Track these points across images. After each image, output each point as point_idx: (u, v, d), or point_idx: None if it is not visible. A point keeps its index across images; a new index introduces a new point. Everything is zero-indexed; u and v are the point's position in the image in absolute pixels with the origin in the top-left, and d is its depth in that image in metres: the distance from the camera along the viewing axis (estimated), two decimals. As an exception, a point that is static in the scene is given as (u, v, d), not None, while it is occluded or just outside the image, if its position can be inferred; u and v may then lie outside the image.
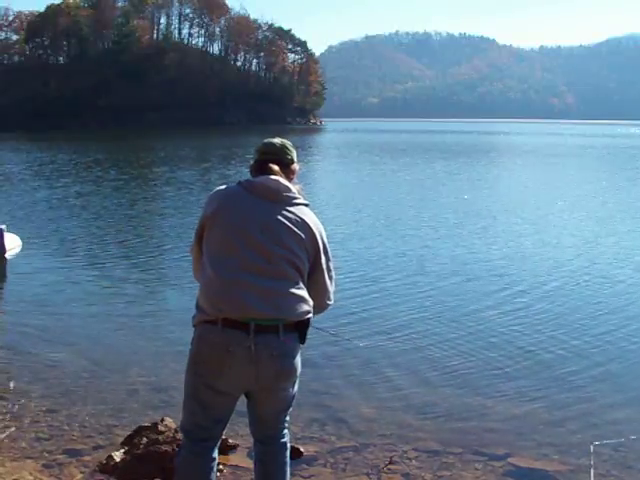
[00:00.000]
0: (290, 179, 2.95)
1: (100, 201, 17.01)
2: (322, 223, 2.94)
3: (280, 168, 2.91)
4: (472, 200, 17.68)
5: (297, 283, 2.78)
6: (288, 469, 3.04)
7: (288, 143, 3.03)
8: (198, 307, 2.80)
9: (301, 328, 2.78)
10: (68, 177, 22.87)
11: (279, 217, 2.78)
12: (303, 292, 2.80)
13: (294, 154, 3.02)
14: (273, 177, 2.86)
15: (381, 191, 19.91)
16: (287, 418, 3.00)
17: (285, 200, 2.83)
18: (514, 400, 5.15)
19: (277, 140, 3.02)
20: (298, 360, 2.82)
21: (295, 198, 2.86)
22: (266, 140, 3.04)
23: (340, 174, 26.56)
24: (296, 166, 3.02)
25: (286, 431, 3.01)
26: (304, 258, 2.80)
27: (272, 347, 2.69)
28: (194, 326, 2.83)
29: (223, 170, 26.60)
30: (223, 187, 2.92)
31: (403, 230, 13.07)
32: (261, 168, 2.93)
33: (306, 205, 2.89)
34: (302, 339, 2.80)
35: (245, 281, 2.69)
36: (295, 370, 2.81)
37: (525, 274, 9.45)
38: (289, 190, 2.85)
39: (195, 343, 2.80)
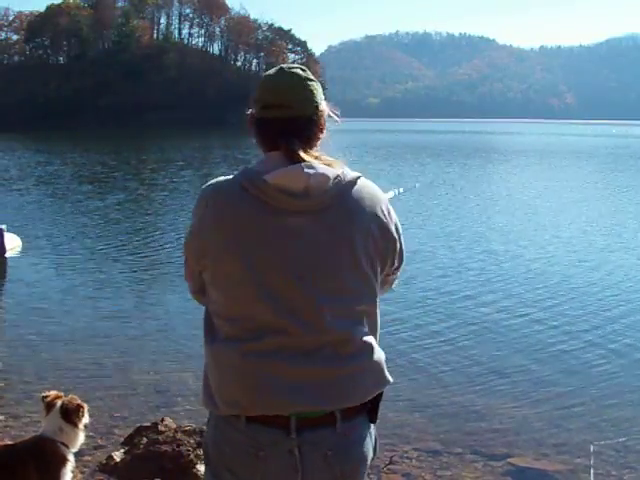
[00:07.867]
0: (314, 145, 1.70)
1: (100, 202, 17.01)
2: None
3: (300, 136, 1.67)
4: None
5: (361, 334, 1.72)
6: None
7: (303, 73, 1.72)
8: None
9: (372, 404, 1.74)
10: (69, 178, 22.86)
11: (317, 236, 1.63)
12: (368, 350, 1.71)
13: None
14: (299, 167, 1.62)
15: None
16: None
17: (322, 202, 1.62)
18: (514, 400, 5.15)
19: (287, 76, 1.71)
20: (368, 447, 1.74)
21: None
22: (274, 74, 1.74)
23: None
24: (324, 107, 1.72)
25: None
26: (371, 287, 1.70)
27: (326, 446, 1.67)
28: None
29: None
30: (215, 186, 1.70)
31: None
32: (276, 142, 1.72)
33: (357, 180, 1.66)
34: (373, 417, 1.76)
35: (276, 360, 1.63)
36: (365, 463, 1.74)
37: (525, 276, 9.45)
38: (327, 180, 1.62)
39: (211, 437, 1.75)
